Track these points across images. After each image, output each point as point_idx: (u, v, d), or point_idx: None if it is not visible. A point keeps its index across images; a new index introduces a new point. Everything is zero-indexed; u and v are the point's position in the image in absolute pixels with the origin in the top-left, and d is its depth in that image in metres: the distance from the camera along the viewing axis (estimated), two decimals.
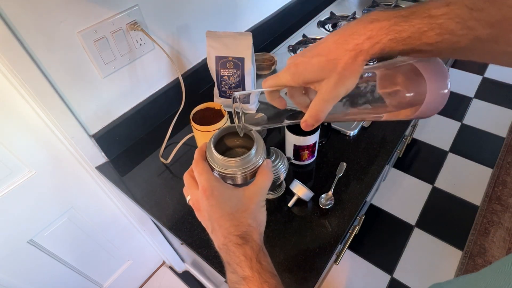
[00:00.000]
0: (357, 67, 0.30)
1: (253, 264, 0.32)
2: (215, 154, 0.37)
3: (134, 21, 0.72)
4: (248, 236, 0.34)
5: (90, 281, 1.07)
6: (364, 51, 0.29)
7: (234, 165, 0.36)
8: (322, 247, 0.61)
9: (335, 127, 0.82)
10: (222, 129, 0.40)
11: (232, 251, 0.33)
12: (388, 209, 1.60)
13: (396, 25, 0.27)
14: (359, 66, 0.30)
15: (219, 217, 0.35)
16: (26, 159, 0.70)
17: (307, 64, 0.32)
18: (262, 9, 1.13)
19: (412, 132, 1.19)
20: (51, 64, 0.63)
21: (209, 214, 0.35)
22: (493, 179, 1.67)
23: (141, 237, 1.17)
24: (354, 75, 0.30)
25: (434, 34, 0.26)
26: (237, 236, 0.33)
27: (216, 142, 0.39)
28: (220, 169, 0.37)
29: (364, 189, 0.70)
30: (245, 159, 0.37)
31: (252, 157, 0.37)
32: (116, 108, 0.81)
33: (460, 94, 2.14)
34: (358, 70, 0.30)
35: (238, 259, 0.33)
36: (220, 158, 0.36)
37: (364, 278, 1.39)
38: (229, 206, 0.35)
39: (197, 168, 0.37)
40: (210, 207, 0.35)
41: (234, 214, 0.35)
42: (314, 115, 0.33)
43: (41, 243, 0.84)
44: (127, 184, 0.78)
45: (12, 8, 0.54)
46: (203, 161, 0.37)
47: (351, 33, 0.30)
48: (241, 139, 0.41)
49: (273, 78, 0.36)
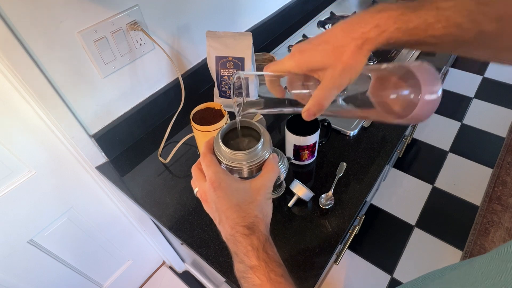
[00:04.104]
0: (362, 57, 0.30)
1: (259, 253, 0.33)
2: (222, 148, 0.37)
3: (134, 21, 0.72)
4: (255, 226, 0.34)
5: (90, 281, 1.07)
6: (370, 39, 0.29)
7: (241, 159, 0.37)
8: (322, 247, 0.61)
9: (335, 127, 0.82)
10: (230, 123, 0.40)
11: (239, 241, 0.34)
12: (388, 209, 1.60)
13: (404, 15, 0.28)
14: (364, 56, 0.30)
15: (226, 208, 0.35)
16: (26, 159, 0.70)
17: (312, 51, 0.32)
18: (262, 9, 1.13)
19: (412, 132, 1.19)
20: (51, 64, 0.63)
21: (216, 206, 0.36)
22: (493, 179, 1.67)
23: (141, 237, 1.17)
24: (358, 64, 0.30)
25: (441, 27, 0.27)
26: (244, 226, 0.34)
27: (223, 136, 0.39)
28: (227, 162, 0.37)
29: (364, 189, 0.70)
30: (252, 153, 0.37)
31: (258, 151, 0.38)
32: (116, 108, 0.81)
33: (460, 94, 2.14)
34: (363, 60, 0.30)
35: (245, 249, 0.33)
36: (228, 151, 0.37)
37: (364, 278, 1.39)
38: (236, 197, 0.35)
39: (205, 161, 0.37)
40: (218, 198, 0.35)
41: (241, 205, 0.35)
42: (317, 103, 0.32)
43: (41, 243, 0.84)
44: (127, 184, 0.78)
45: (12, 8, 0.54)
46: (210, 154, 0.38)
47: (359, 21, 0.30)
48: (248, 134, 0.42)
49: (276, 64, 0.35)
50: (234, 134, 0.42)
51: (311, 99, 0.33)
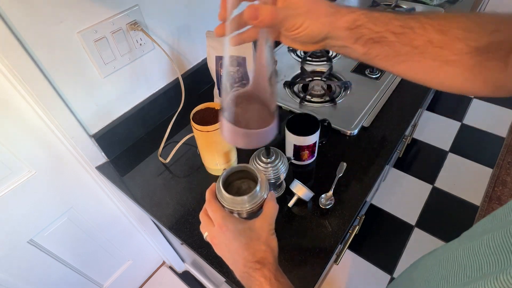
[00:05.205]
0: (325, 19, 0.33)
1: (272, 282, 0.36)
2: (224, 194, 0.42)
3: (134, 21, 0.72)
4: (265, 260, 0.38)
5: (90, 281, 1.07)
6: (342, 12, 0.33)
7: (242, 202, 0.42)
8: (322, 247, 0.61)
9: (335, 127, 0.82)
10: (228, 170, 0.45)
11: (252, 276, 0.37)
12: (388, 209, 1.60)
13: (369, 11, 0.34)
14: (328, 20, 0.34)
15: (236, 248, 0.39)
16: (26, 159, 0.70)
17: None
18: None
19: (412, 132, 1.19)
20: (51, 64, 0.63)
21: (227, 247, 0.40)
22: (493, 179, 1.67)
23: (141, 237, 1.17)
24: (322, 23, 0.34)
25: (399, 25, 0.32)
26: (255, 262, 0.38)
27: (224, 183, 0.43)
28: (231, 207, 0.42)
29: (364, 189, 0.70)
30: (252, 196, 0.42)
31: (257, 193, 0.42)
32: (116, 108, 0.81)
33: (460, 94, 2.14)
34: (324, 21, 0.33)
35: (259, 281, 0.37)
36: (229, 197, 0.41)
37: (364, 278, 1.39)
38: (244, 237, 0.39)
39: (211, 207, 0.42)
40: (228, 240, 0.39)
41: (249, 243, 0.39)
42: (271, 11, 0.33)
43: (41, 243, 0.84)
44: (127, 184, 0.78)
45: (12, 8, 0.54)
46: (215, 200, 0.42)
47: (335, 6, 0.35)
48: (245, 175, 0.47)
49: None
50: (233, 177, 0.46)
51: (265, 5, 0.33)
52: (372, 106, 0.88)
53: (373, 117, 0.85)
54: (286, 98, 0.94)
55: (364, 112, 0.86)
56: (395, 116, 0.86)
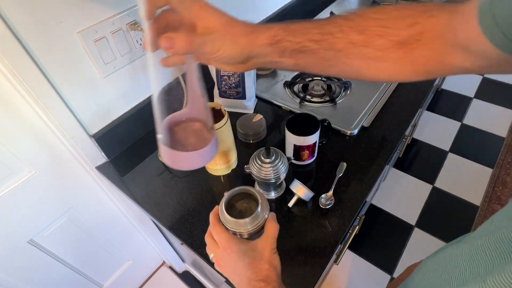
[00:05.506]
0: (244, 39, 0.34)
1: None
2: (227, 217, 0.43)
3: (134, 21, 0.72)
4: (269, 278, 0.40)
5: (90, 281, 1.07)
6: (259, 31, 0.34)
7: (245, 224, 0.43)
8: (322, 247, 0.61)
9: (335, 127, 0.82)
10: (229, 193, 0.46)
11: None
12: (388, 209, 1.60)
13: (287, 24, 0.34)
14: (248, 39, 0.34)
15: (241, 268, 0.40)
16: (26, 159, 0.70)
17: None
18: (262, 9, 1.13)
19: (412, 132, 1.19)
20: (51, 64, 0.63)
21: (233, 268, 0.41)
22: (493, 179, 1.67)
23: (141, 237, 1.17)
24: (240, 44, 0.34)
25: (317, 33, 0.33)
26: (259, 280, 0.39)
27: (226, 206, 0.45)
28: (233, 229, 0.43)
29: (364, 189, 0.70)
30: (253, 218, 0.43)
31: (259, 215, 0.44)
32: (116, 108, 0.81)
33: (460, 94, 2.15)
34: (242, 41, 0.34)
35: None
36: (232, 220, 0.43)
37: (364, 278, 1.39)
38: (248, 257, 0.41)
39: (215, 230, 0.44)
40: (232, 261, 0.41)
41: (252, 263, 0.40)
42: (188, 39, 0.33)
43: (41, 243, 0.84)
44: (127, 184, 0.78)
45: (12, 8, 0.54)
46: (218, 223, 0.44)
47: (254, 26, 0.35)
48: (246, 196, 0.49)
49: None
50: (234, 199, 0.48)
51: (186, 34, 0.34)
52: (372, 106, 0.88)
53: (373, 117, 0.85)
54: (286, 98, 0.94)
55: (364, 112, 0.86)
56: (395, 116, 0.86)
